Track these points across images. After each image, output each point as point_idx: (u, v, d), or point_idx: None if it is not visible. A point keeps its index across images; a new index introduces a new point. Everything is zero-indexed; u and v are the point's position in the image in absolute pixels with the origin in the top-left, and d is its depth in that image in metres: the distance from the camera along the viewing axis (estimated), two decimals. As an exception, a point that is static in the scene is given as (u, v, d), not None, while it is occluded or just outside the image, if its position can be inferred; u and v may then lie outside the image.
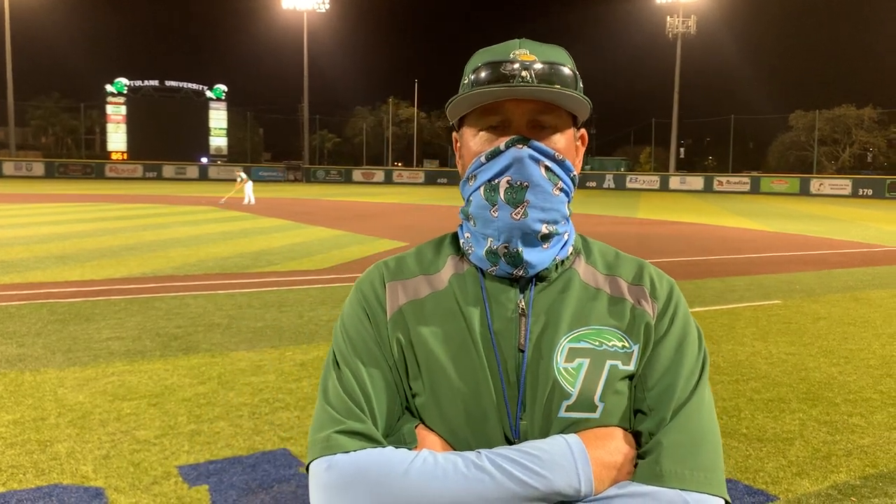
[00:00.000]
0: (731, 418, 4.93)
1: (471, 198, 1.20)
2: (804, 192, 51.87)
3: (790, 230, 21.14)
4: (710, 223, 23.68)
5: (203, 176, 62.92)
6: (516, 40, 1.19)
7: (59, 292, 9.07)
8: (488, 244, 1.16)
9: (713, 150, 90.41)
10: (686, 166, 79.47)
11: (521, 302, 1.17)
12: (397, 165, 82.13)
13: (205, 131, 76.00)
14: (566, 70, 1.16)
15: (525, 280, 1.18)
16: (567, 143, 1.19)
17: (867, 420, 4.97)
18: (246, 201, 29.50)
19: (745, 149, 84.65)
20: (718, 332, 7.52)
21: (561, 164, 1.17)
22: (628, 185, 59.06)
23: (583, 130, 1.27)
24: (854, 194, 49.80)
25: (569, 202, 1.21)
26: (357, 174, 65.54)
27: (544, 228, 1.15)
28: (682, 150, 76.08)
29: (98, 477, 3.83)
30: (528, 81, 1.12)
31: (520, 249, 1.14)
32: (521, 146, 1.13)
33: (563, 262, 1.21)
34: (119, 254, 12.90)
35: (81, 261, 11.90)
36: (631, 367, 1.15)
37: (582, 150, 1.28)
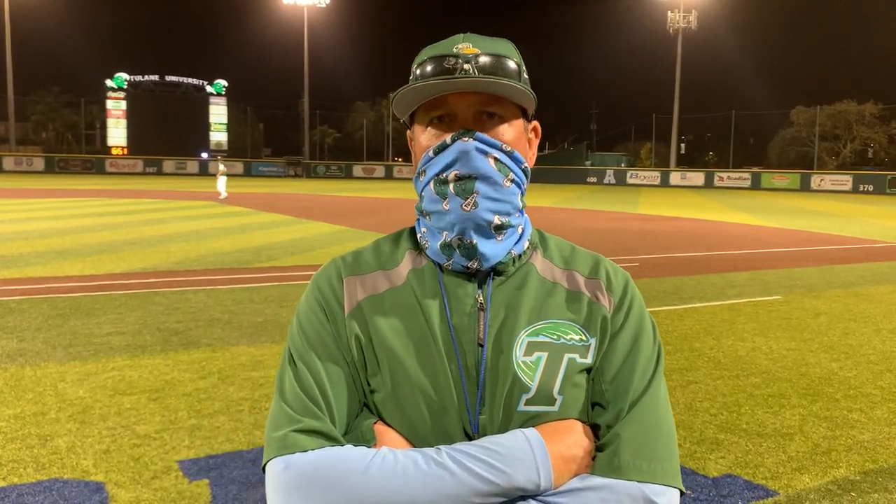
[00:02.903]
0: (732, 413, 4.93)
1: (423, 193, 1.20)
2: (805, 188, 51.82)
3: (791, 226, 21.13)
4: (710, 219, 23.67)
5: (203, 171, 62.85)
6: (461, 35, 1.19)
7: (60, 287, 9.07)
8: (443, 237, 1.16)
9: (714, 145, 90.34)
10: (687, 162, 79.36)
11: (479, 297, 1.17)
12: (398, 161, 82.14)
13: (205, 126, 76.01)
14: (509, 62, 1.16)
15: (483, 275, 1.18)
16: (516, 134, 1.18)
17: (867, 415, 4.97)
18: (223, 196, 29.45)
19: (746, 144, 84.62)
20: (719, 328, 7.52)
21: (510, 155, 1.16)
22: (629, 180, 59.00)
23: (535, 122, 1.27)
24: (855, 190, 49.75)
25: (522, 194, 1.20)
26: (357, 169, 65.52)
27: (496, 219, 1.15)
28: (682, 145, 76.01)
29: (98, 471, 3.83)
30: (470, 74, 1.11)
31: (474, 241, 1.14)
32: (466, 138, 1.13)
33: (519, 256, 1.21)
34: (119, 249, 12.90)
35: (82, 256, 11.90)
36: (588, 360, 1.16)
37: (535, 142, 1.27)
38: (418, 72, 1.17)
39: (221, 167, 32.04)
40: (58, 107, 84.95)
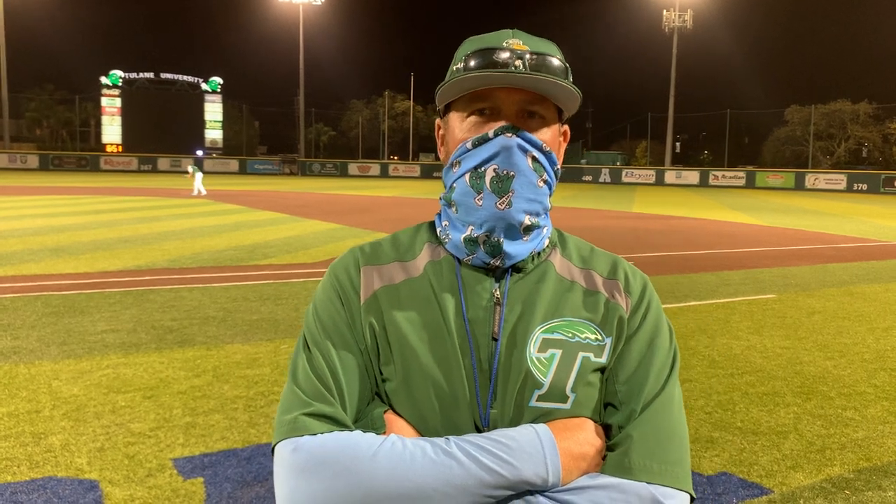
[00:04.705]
0: (726, 412, 4.94)
1: (454, 184, 1.19)
2: (799, 186, 51.99)
3: (785, 224, 21.18)
4: (705, 217, 23.71)
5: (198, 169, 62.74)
6: (509, 30, 1.18)
7: (54, 285, 9.04)
8: (468, 231, 1.16)
9: (709, 144, 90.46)
10: (682, 161, 79.57)
11: (496, 291, 1.16)
12: (393, 159, 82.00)
13: (200, 124, 75.90)
14: (557, 62, 1.16)
15: (500, 270, 1.18)
16: (553, 136, 1.19)
17: (861, 413, 4.99)
18: (195, 193, 30.19)
19: (741, 143, 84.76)
20: (713, 326, 7.53)
21: (548, 155, 1.17)
22: (624, 179, 59.08)
23: (566, 127, 1.27)
24: (849, 189, 49.93)
25: (550, 195, 1.21)
26: (353, 168, 65.43)
27: (527, 220, 1.15)
28: (677, 144, 76.18)
29: (92, 469, 3.82)
30: (520, 71, 1.11)
31: (501, 240, 1.14)
32: (510, 135, 1.12)
33: (539, 253, 1.21)
34: (114, 246, 12.86)
35: (76, 253, 11.86)
36: (603, 360, 1.16)
37: (564, 145, 1.27)
38: (463, 63, 1.16)
39: (190, 169, 32.58)
40: (52, 104, 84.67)
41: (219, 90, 77.09)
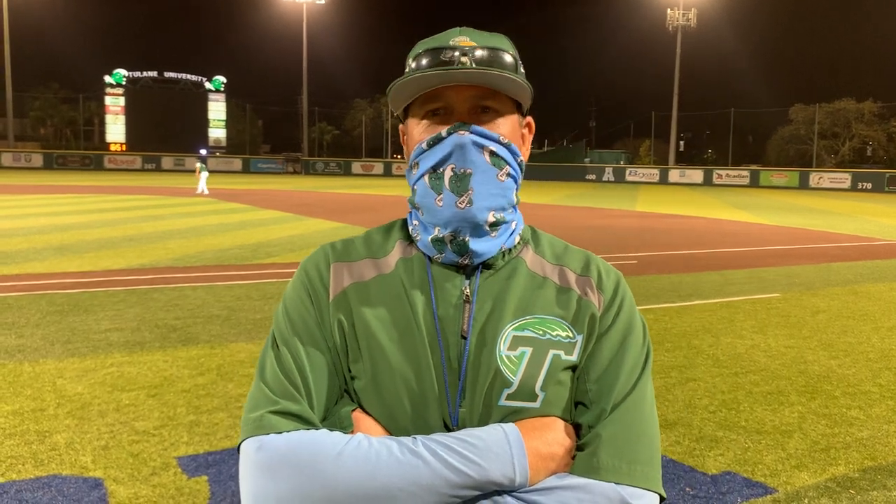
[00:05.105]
0: (731, 411, 4.93)
1: (415, 186, 1.18)
2: (803, 185, 51.87)
3: (789, 224, 21.14)
4: (709, 216, 23.68)
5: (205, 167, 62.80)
6: (457, 28, 1.18)
7: (58, 283, 9.06)
8: (435, 232, 1.15)
9: (713, 143, 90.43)
10: (685, 159, 79.47)
11: (466, 289, 1.16)
12: (396, 158, 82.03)
13: (204, 123, 75.93)
14: (506, 56, 1.14)
15: (471, 267, 1.17)
16: (511, 128, 1.17)
17: (866, 413, 4.98)
18: (199, 191, 30.42)
19: (745, 142, 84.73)
20: (717, 325, 7.52)
21: (507, 147, 1.15)
22: (628, 177, 58.99)
23: (529, 118, 1.26)
24: (853, 188, 49.80)
25: (516, 189, 1.19)
26: (356, 166, 65.47)
27: (491, 216, 1.13)
28: (681, 143, 75.97)
29: (97, 468, 3.83)
30: (467, 67, 1.10)
31: (467, 239, 1.13)
32: (462, 132, 1.11)
33: (510, 250, 1.20)
34: (118, 245, 12.88)
35: (80, 252, 11.89)
36: (574, 358, 1.14)
37: (529, 137, 1.26)
38: (413, 64, 1.15)
39: (198, 165, 32.84)
40: (56, 103, 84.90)
41: (222, 89, 77.10)
